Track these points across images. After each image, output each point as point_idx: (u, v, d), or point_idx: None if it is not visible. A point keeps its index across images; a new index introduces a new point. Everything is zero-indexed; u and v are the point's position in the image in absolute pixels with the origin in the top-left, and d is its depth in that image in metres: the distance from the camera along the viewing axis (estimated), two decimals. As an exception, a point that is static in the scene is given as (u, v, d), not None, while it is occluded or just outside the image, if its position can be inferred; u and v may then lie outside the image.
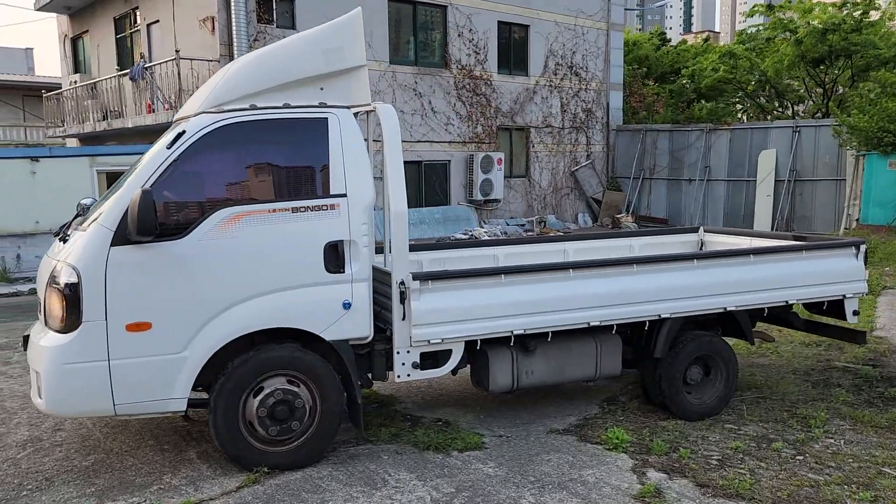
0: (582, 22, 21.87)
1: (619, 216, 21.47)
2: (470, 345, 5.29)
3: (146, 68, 16.18)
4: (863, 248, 6.28)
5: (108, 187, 14.11)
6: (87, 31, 20.93)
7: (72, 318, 4.29)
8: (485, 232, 19.20)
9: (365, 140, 5.27)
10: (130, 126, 16.75)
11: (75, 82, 20.23)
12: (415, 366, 5.00)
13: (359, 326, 4.84)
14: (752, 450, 5.18)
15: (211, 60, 15.41)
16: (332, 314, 4.74)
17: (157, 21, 17.49)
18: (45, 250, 5.14)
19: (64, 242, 4.64)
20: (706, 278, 5.74)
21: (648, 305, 5.59)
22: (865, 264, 6.32)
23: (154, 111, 16.06)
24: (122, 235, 4.31)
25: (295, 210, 4.66)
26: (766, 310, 6.11)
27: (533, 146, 21.34)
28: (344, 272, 4.76)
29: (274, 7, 16.07)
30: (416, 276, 4.91)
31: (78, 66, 21.87)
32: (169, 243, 4.41)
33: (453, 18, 19.14)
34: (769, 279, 5.93)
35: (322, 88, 4.87)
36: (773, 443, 5.29)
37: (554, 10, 21.10)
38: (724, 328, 6.22)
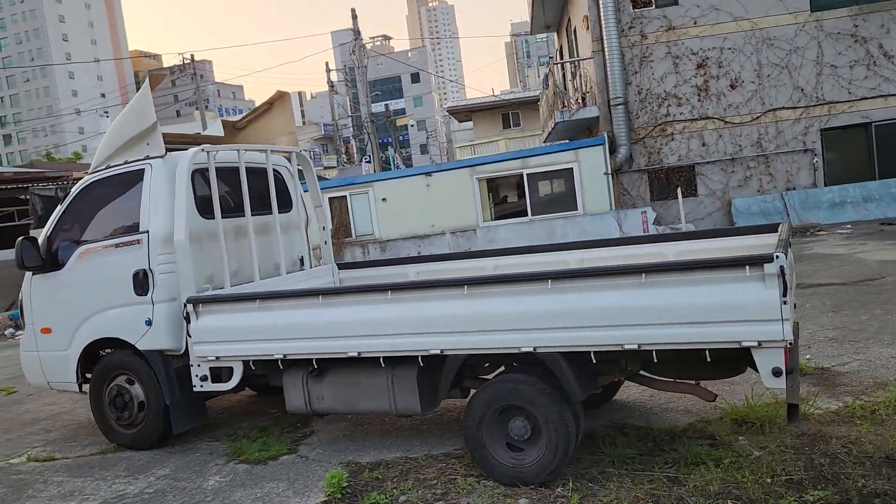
0: None
1: None
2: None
3: (547, 75, 17.48)
4: (770, 268, 3.67)
5: (487, 193, 16.12)
6: (561, 45, 23.26)
7: (21, 322, 6.50)
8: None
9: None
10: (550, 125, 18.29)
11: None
12: (203, 379, 5.54)
13: (163, 340, 5.68)
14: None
15: (584, 59, 15.78)
16: (139, 329, 5.75)
17: (575, 28, 18.54)
18: (439, 249, 7.26)
19: None
20: (479, 309, 4.41)
21: (412, 338, 4.66)
22: (784, 294, 3.67)
23: (560, 110, 17.11)
24: None
25: (118, 245, 5.86)
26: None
27: None
28: (146, 295, 5.72)
29: (652, -13, 15.38)
30: (189, 300, 5.48)
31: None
32: (56, 273, 6.19)
33: (915, -72, 14.57)
34: (585, 313, 4.13)
35: (148, 143, 5.89)
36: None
37: None
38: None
